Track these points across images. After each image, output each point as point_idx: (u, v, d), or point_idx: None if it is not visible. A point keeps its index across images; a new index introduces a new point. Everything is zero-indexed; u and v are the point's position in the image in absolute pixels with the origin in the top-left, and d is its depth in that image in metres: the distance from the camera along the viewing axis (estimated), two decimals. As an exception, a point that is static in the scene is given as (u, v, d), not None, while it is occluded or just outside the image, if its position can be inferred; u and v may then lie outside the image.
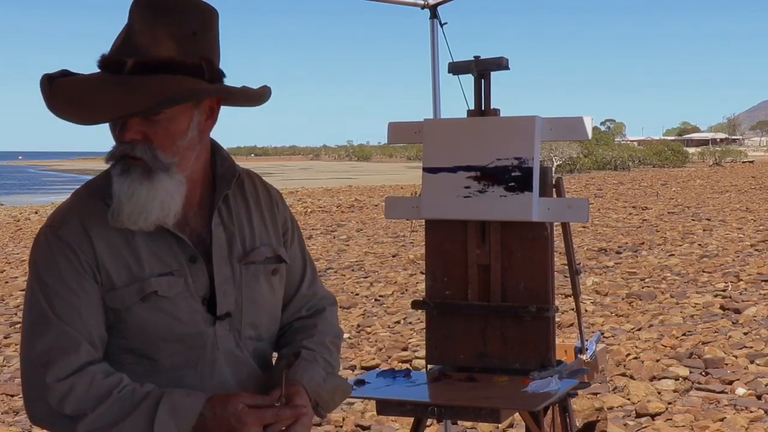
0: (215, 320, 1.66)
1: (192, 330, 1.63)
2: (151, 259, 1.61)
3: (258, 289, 1.72)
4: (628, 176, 40.11)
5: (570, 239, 3.02)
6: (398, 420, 5.09)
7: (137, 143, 1.54)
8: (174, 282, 1.61)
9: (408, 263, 12.18)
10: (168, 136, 1.56)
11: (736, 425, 5.07)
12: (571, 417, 2.87)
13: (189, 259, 1.63)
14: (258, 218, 1.76)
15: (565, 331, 7.53)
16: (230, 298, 1.67)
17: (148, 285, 1.59)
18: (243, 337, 1.70)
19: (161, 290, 1.60)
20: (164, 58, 1.51)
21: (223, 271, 1.66)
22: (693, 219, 17.65)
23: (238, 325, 1.69)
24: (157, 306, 1.60)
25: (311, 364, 1.73)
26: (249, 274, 1.70)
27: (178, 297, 1.62)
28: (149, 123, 1.54)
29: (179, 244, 1.63)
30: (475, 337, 2.94)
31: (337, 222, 19.55)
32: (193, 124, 1.59)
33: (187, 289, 1.62)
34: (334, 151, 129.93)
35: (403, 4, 4.07)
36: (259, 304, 1.72)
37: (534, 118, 2.87)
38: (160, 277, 1.60)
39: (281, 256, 1.77)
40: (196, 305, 1.64)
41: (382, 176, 49.58)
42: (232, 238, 1.69)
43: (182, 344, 1.63)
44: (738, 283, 9.75)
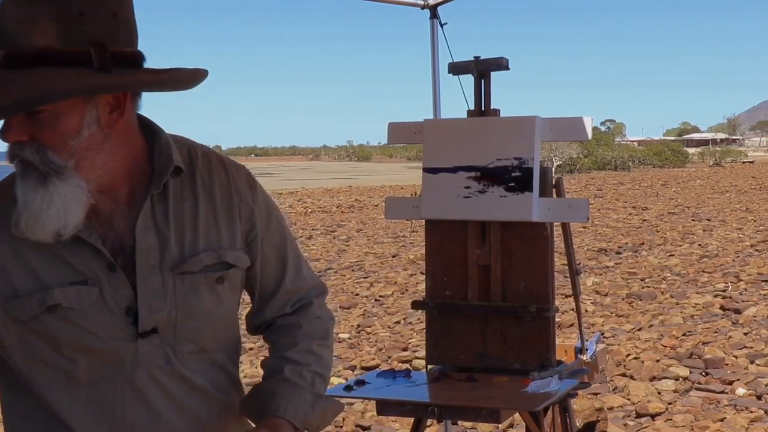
0: (138, 336, 1.45)
1: (107, 345, 1.44)
2: (62, 265, 1.42)
3: (197, 302, 1.50)
4: (628, 176, 40.13)
5: (570, 239, 3.02)
6: (398, 420, 5.10)
7: (25, 144, 1.34)
8: (86, 292, 1.42)
9: (408, 263, 12.19)
10: (57, 135, 1.35)
11: (736, 425, 5.07)
12: (571, 417, 2.87)
13: (108, 268, 1.43)
14: (207, 215, 1.52)
15: (565, 331, 7.53)
16: (159, 313, 1.46)
17: (51, 296, 1.41)
18: (179, 353, 1.50)
19: (66, 302, 1.41)
20: (39, 48, 1.30)
21: (149, 283, 1.45)
22: (693, 219, 17.66)
23: (171, 341, 1.48)
24: (65, 317, 1.42)
25: (297, 390, 1.56)
26: (185, 285, 1.48)
27: (91, 309, 1.42)
28: (34, 122, 1.34)
29: (95, 251, 1.43)
30: (475, 337, 2.94)
31: (337, 222, 19.56)
32: (88, 120, 1.37)
33: (102, 300, 1.43)
34: (334, 152, 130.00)
35: (403, 4, 4.08)
36: (199, 317, 1.50)
37: (534, 119, 2.87)
38: (70, 286, 1.41)
39: (229, 262, 1.53)
40: (113, 319, 1.44)
41: (382, 176, 49.59)
42: (165, 244, 1.47)
43: (98, 358, 1.45)
44: (738, 283, 9.75)
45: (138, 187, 1.47)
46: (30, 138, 1.35)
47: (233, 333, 1.63)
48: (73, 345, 1.44)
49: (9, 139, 1.35)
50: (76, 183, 1.37)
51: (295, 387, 1.57)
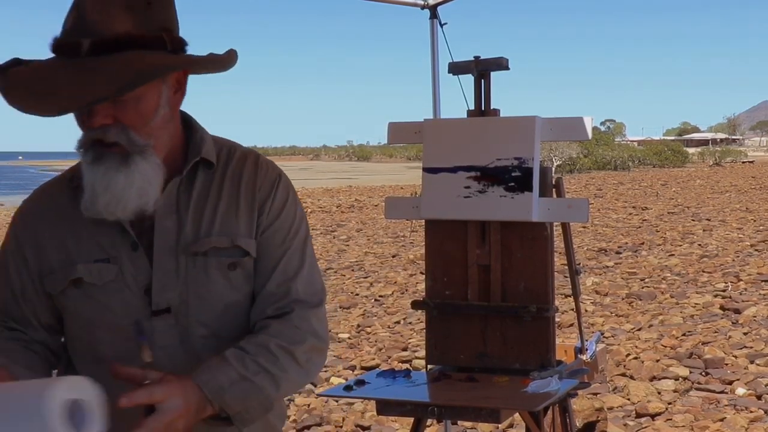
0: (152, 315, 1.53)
1: (125, 321, 1.52)
2: (91, 244, 1.53)
3: (208, 284, 1.54)
4: (628, 176, 40.12)
5: (570, 239, 3.02)
6: (398, 420, 5.10)
7: (109, 127, 1.43)
8: (106, 270, 1.52)
9: (408, 263, 12.19)
10: (139, 116, 1.45)
11: (736, 425, 5.07)
12: (571, 417, 2.87)
13: (131, 247, 1.52)
14: (229, 207, 1.58)
15: (565, 331, 7.53)
16: (172, 292, 1.52)
17: (74, 271, 1.52)
18: (192, 335, 1.55)
19: (87, 277, 1.52)
20: (121, 34, 1.39)
21: (164, 263, 1.52)
22: (693, 219, 17.65)
23: (184, 322, 1.54)
24: (88, 293, 1.53)
25: (225, 365, 1.48)
26: (197, 268, 1.54)
27: (110, 286, 1.52)
28: (117, 105, 1.43)
29: (119, 230, 1.52)
30: (475, 337, 2.94)
31: (337, 222, 19.56)
32: (163, 100, 1.48)
33: (121, 278, 1.52)
34: (334, 151, 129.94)
35: (403, 4, 4.08)
36: (209, 300, 1.54)
37: (534, 119, 2.87)
38: (94, 263, 1.52)
39: (243, 248, 1.56)
40: (131, 296, 1.52)
41: (382, 176, 49.59)
42: (181, 228, 1.54)
43: (119, 335, 1.53)
44: (738, 283, 9.75)
45: (171, 175, 1.56)
46: (114, 120, 1.43)
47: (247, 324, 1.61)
48: (95, 320, 1.54)
49: (96, 123, 1.42)
50: (155, 161, 1.48)
51: (225, 362, 1.48)
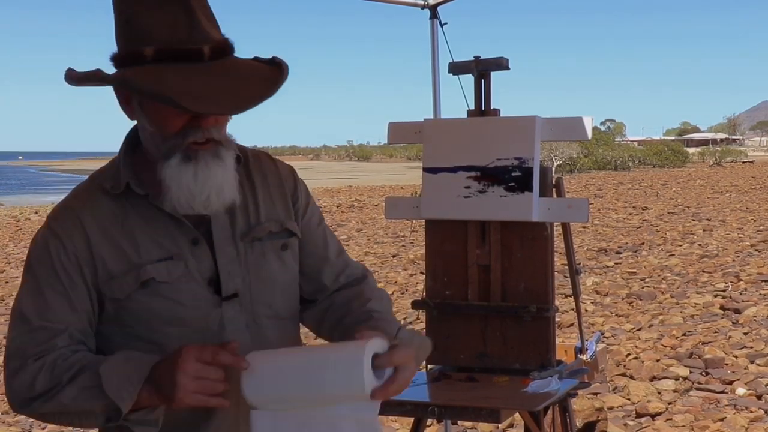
0: (221, 301, 1.62)
1: (196, 313, 1.60)
2: (149, 245, 1.59)
3: (267, 267, 1.68)
4: (628, 176, 40.13)
5: (570, 239, 3.02)
6: (398, 420, 5.10)
7: (212, 127, 1.55)
8: (173, 266, 1.59)
9: (408, 263, 12.19)
10: (226, 117, 1.59)
11: (736, 425, 5.07)
12: (571, 417, 2.87)
13: (191, 242, 1.61)
14: (264, 195, 1.72)
15: (565, 331, 7.53)
16: (236, 278, 1.63)
17: (145, 272, 1.57)
18: (258, 317, 1.66)
19: (159, 276, 1.58)
20: (222, 40, 1.54)
21: (226, 252, 1.63)
22: (693, 219, 17.66)
23: (249, 305, 1.65)
24: (157, 292, 1.58)
25: (395, 323, 1.70)
26: (255, 252, 1.66)
27: (179, 281, 1.59)
28: None
29: (179, 228, 1.60)
30: (475, 337, 2.94)
31: (337, 222, 19.56)
32: None
33: (188, 272, 1.60)
34: (334, 151, 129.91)
35: (403, 4, 4.08)
36: (270, 281, 1.68)
37: (534, 119, 2.87)
38: (158, 262, 1.58)
39: (291, 230, 1.72)
40: (198, 288, 1.61)
41: (382, 176, 49.58)
42: (233, 217, 1.65)
43: (188, 328, 1.60)
44: (738, 283, 9.75)
45: None
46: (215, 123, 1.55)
47: (296, 305, 1.77)
48: (166, 317, 1.59)
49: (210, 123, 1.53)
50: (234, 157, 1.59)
51: (391, 322, 1.69)
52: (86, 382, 1.48)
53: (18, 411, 1.57)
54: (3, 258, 14.72)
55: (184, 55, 1.49)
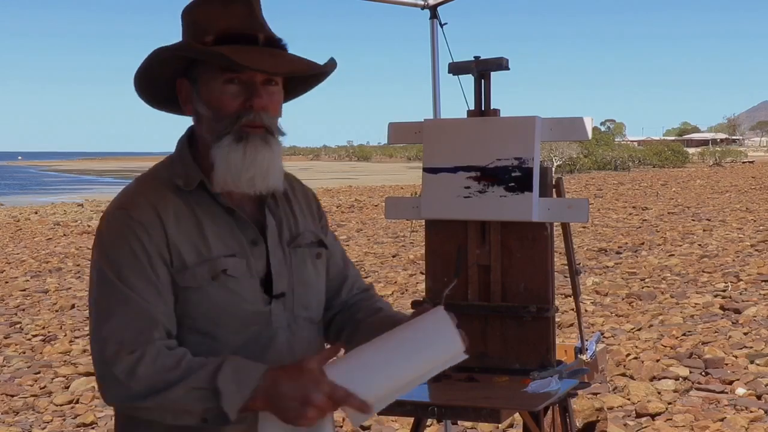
0: (271, 299, 1.73)
1: (254, 308, 1.71)
2: (217, 241, 1.69)
3: (306, 271, 1.81)
4: (628, 176, 40.13)
5: (570, 239, 3.02)
6: (398, 420, 5.10)
7: (263, 112, 1.67)
8: (239, 263, 1.70)
9: (408, 263, 12.19)
10: (278, 105, 1.73)
11: (736, 425, 5.07)
12: (571, 417, 2.87)
13: (251, 242, 1.72)
14: (299, 209, 1.87)
15: (565, 331, 7.53)
16: (284, 279, 1.76)
17: (219, 264, 1.67)
18: (296, 317, 1.78)
19: (230, 270, 1.68)
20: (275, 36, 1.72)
21: (277, 254, 1.76)
22: (693, 219, 17.66)
23: (291, 306, 1.77)
24: (225, 285, 1.68)
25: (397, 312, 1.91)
26: (297, 257, 1.80)
27: (243, 277, 1.70)
28: (268, 94, 1.69)
29: (240, 228, 1.72)
30: (475, 337, 2.94)
31: (337, 222, 19.55)
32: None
33: (249, 270, 1.71)
34: (334, 152, 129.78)
35: (403, 4, 4.08)
36: (308, 285, 1.81)
37: (534, 119, 2.87)
38: (225, 258, 1.69)
39: (323, 241, 1.88)
40: (256, 285, 1.72)
41: (382, 176, 49.58)
42: (280, 224, 1.79)
43: (243, 322, 1.70)
44: (738, 283, 9.75)
45: None
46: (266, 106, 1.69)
47: (322, 311, 1.90)
48: (229, 311, 1.68)
49: (260, 105, 1.66)
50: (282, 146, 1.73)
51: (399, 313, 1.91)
52: (197, 383, 1.55)
53: (111, 402, 1.62)
54: (3, 258, 14.70)
55: (242, 37, 1.66)
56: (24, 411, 5.94)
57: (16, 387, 6.43)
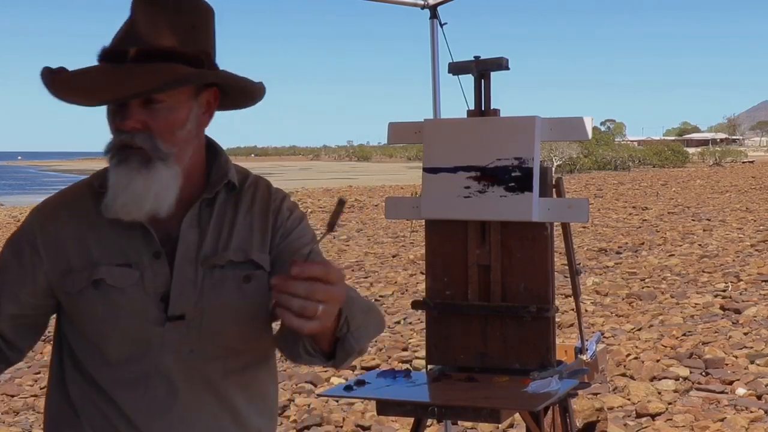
0: (166, 321, 1.59)
1: (138, 325, 1.58)
2: (114, 248, 1.60)
3: (223, 296, 1.61)
4: (628, 176, 40.13)
5: (570, 239, 3.02)
6: (398, 420, 5.10)
7: (137, 132, 1.54)
8: (128, 274, 1.59)
9: (408, 263, 12.19)
10: (168, 125, 1.56)
11: (737, 425, 5.07)
12: (571, 417, 2.87)
13: (153, 255, 1.60)
14: (244, 225, 1.68)
15: (565, 331, 7.53)
16: (189, 301, 1.59)
17: (98, 272, 1.58)
18: (204, 345, 1.61)
19: (110, 279, 1.58)
20: (166, 47, 1.54)
21: (184, 273, 1.60)
22: (693, 219, 17.66)
23: (197, 332, 1.60)
24: (107, 295, 1.58)
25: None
26: (214, 279, 1.62)
27: (130, 290, 1.58)
28: (150, 112, 1.54)
29: (146, 238, 1.60)
30: (475, 337, 2.94)
31: (337, 222, 19.53)
32: (192, 115, 1.60)
33: (141, 283, 1.59)
34: (334, 152, 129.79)
35: (403, 4, 4.07)
36: (222, 310, 1.61)
37: (534, 119, 2.87)
38: (115, 267, 1.59)
39: (257, 262, 1.65)
40: (147, 302, 1.59)
41: (382, 176, 49.57)
42: (203, 240, 1.63)
43: (128, 338, 1.59)
44: (738, 283, 9.75)
45: (190, 192, 1.64)
46: (143, 127, 1.54)
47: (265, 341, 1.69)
48: (109, 322, 1.58)
49: (127, 126, 1.53)
50: (175, 170, 1.57)
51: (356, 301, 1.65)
52: None
53: None
54: (3, 258, 14.69)
55: (109, 55, 1.55)
56: (24, 411, 5.94)
57: (16, 387, 6.43)
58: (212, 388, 1.62)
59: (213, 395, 1.63)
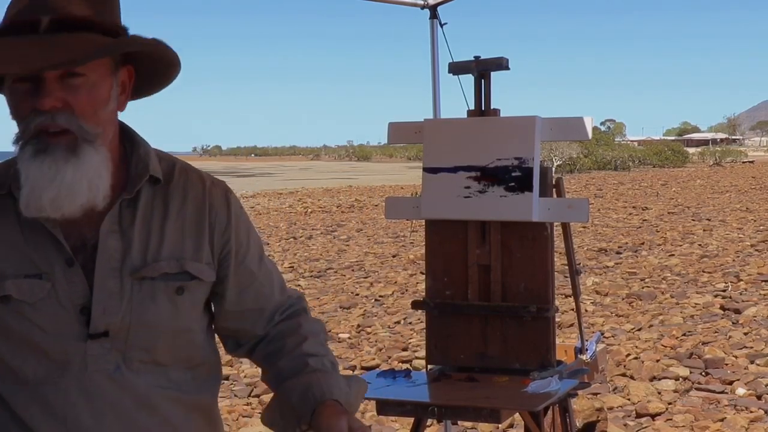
0: (88, 337, 1.42)
1: (54, 342, 1.41)
2: (22, 258, 1.42)
3: (153, 310, 1.45)
4: (628, 176, 40.14)
5: (570, 239, 3.02)
6: (398, 420, 5.09)
7: (58, 111, 1.36)
8: (38, 286, 1.40)
9: (408, 263, 12.19)
10: (91, 103, 1.39)
11: (736, 425, 5.07)
12: (571, 417, 2.87)
13: (66, 262, 1.42)
14: (176, 226, 1.50)
15: (565, 331, 7.53)
16: (113, 316, 1.43)
17: (3, 287, 1.40)
18: (130, 361, 1.46)
19: (18, 294, 1.40)
20: (82, 17, 1.37)
21: (107, 285, 1.43)
22: (693, 219, 17.66)
23: (122, 347, 1.44)
24: (18, 310, 1.40)
25: (328, 375, 1.53)
26: (143, 292, 1.45)
27: (42, 304, 1.40)
28: (69, 89, 1.37)
29: (54, 245, 1.42)
30: (475, 337, 2.94)
31: (337, 222, 19.55)
32: (113, 92, 1.44)
33: (54, 295, 1.41)
34: (334, 151, 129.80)
35: (403, 4, 4.08)
36: (153, 326, 1.46)
37: (534, 119, 2.87)
38: (24, 279, 1.40)
39: (191, 273, 1.49)
40: (64, 316, 1.41)
41: (382, 176, 49.57)
42: (128, 248, 1.45)
43: (45, 357, 1.42)
44: (738, 283, 9.75)
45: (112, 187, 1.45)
46: (64, 105, 1.36)
47: (199, 354, 1.56)
48: (22, 339, 1.42)
49: (46, 105, 1.35)
50: (105, 153, 1.41)
51: (326, 373, 1.53)
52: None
53: None
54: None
55: (17, 26, 1.36)
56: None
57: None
58: (144, 405, 1.47)
59: (145, 412, 1.47)
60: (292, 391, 1.51)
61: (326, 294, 10.12)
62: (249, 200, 27.39)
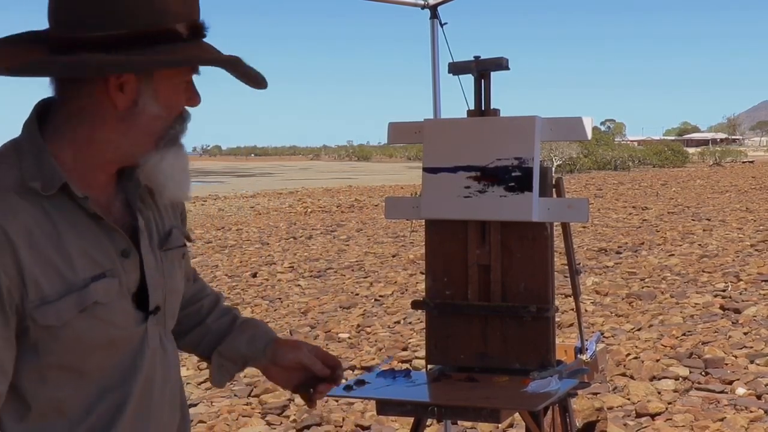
0: (146, 316, 1.45)
1: (124, 333, 1.42)
2: (83, 259, 1.35)
3: (176, 277, 1.55)
4: (628, 176, 40.14)
5: (570, 239, 3.02)
6: (398, 420, 5.10)
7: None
8: (109, 285, 1.38)
9: (408, 263, 12.19)
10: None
11: (736, 425, 5.07)
12: (571, 417, 2.87)
13: (121, 254, 1.41)
14: (162, 203, 1.57)
15: (565, 331, 7.53)
16: (159, 291, 1.48)
17: (88, 295, 1.34)
18: (167, 330, 1.53)
19: (100, 298, 1.36)
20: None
21: (150, 262, 1.46)
22: (693, 219, 17.66)
23: (163, 319, 1.51)
24: (94, 314, 1.36)
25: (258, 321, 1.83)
26: (167, 261, 1.52)
27: (114, 301, 1.39)
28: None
29: (109, 237, 1.39)
30: (475, 337, 2.94)
31: (337, 222, 19.55)
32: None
33: (120, 290, 1.40)
34: (334, 151, 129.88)
35: (403, 4, 4.08)
36: (177, 291, 1.57)
37: (534, 118, 2.87)
38: (96, 281, 1.36)
39: (189, 238, 1.65)
40: (128, 305, 1.43)
41: (382, 176, 49.58)
42: (149, 224, 1.50)
43: (114, 349, 1.42)
44: (738, 283, 9.75)
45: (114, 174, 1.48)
46: None
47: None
48: (100, 341, 1.39)
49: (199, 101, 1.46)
50: None
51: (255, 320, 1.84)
52: None
53: None
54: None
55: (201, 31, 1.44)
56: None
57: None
58: (177, 370, 1.58)
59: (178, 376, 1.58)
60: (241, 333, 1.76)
61: (326, 294, 10.12)
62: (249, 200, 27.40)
